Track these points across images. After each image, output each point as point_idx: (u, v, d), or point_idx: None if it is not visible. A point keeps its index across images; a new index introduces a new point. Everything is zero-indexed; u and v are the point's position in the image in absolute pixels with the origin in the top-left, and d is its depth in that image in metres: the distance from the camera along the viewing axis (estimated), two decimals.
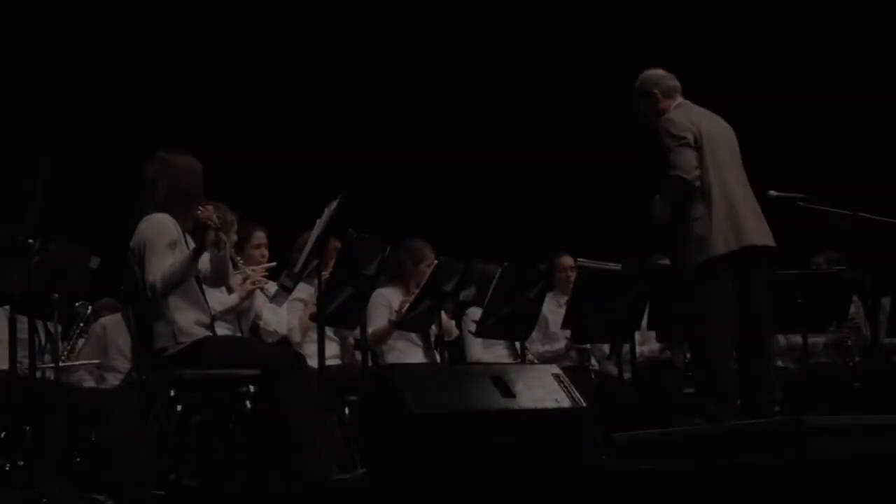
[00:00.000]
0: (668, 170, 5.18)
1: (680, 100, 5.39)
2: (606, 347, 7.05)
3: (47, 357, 5.82)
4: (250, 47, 8.65)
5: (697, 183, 5.17)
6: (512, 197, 8.94)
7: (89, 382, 6.51)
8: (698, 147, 5.19)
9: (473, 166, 8.84)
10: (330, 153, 8.49)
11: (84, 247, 5.65)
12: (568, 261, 7.11)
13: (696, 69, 5.54)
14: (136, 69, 8.25)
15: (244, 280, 5.40)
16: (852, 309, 6.88)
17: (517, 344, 6.46)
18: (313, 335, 5.50)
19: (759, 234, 5.24)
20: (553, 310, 6.90)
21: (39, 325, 5.41)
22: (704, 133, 5.23)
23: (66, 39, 8.06)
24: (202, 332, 4.65)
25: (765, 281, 5.28)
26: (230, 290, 5.40)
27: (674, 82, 5.41)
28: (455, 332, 6.56)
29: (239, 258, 5.53)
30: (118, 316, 6.21)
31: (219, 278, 4.97)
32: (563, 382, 4.49)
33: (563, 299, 6.76)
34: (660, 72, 5.44)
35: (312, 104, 8.77)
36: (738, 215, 5.19)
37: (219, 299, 5.29)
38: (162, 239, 4.56)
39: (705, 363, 5.21)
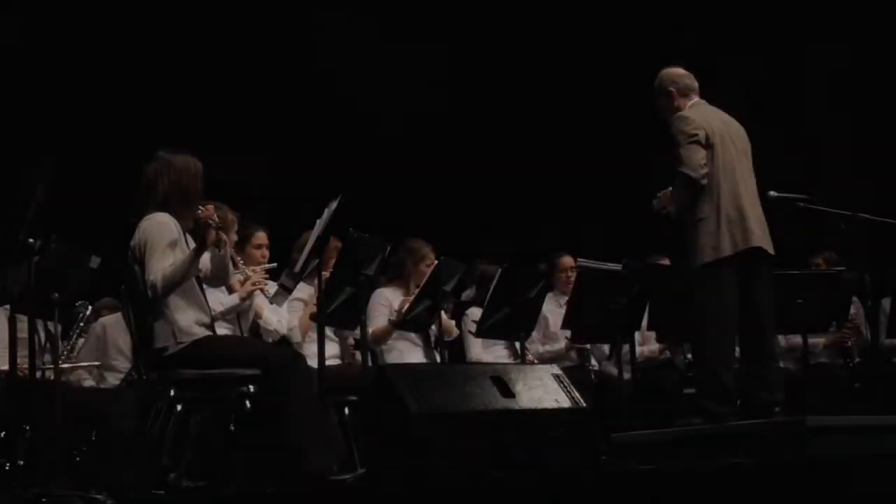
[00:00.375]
0: (676, 166, 5.20)
1: (696, 99, 5.43)
2: (606, 347, 7.04)
3: (47, 357, 5.81)
4: (250, 48, 8.64)
5: (704, 181, 5.18)
6: (512, 197, 8.94)
7: (89, 382, 6.52)
8: (709, 146, 5.21)
9: (473, 166, 8.83)
10: (330, 153, 8.49)
11: (84, 247, 5.65)
12: (568, 261, 7.10)
13: (695, 69, 5.54)
14: (137, 69, 8.25)
15: (244, 280, 5.40)
16: (852, 310, 6.89)
17: (517, 344, 6.45)
18: (313, 335, 5.50)
19: (763, 238, 5.25)
20: (553, 310, 6.90)
21: (39, 324, 5.40)
22: (717, 133, 5.25)
23: (67, 40, 8.06)
24: (202, 332, 4.64)
25: (768, 281, 5.29)
26: (230, 290, 5.40)
27: (692, 82, 5.46)
28: (455, 332, 6.57)
29: (239, 258, 5.53)
30: (118, 316, 6.21)
31: (219, 278, 4.97)
32: (563, 383, 4.49)
33: (563, 299, 6.76)
34: (679, 70, 5.49)
35: (312, 104, 8.77)
36: (745, 217, 5.19)
37: (219, 299, 5.29)
38: (162, 238, 4.56)
39: (706, 363, 5.21)
